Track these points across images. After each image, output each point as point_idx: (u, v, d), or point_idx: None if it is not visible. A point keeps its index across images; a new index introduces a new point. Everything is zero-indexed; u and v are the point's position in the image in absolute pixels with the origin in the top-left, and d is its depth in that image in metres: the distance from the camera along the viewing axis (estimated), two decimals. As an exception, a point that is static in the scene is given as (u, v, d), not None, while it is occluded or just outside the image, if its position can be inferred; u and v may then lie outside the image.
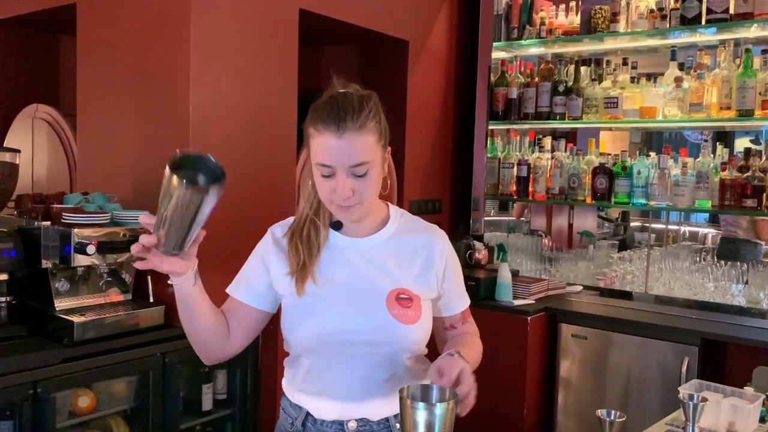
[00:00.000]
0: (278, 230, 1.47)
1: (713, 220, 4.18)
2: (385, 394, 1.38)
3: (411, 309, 1.37)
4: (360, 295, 1.38)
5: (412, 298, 1.39)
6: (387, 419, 1.40)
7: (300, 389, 1.44)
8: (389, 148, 1.41)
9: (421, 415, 1.07)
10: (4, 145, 3.27)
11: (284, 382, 1.49)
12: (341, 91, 1.36)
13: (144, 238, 1.18)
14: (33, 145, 3.31)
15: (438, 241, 1.48)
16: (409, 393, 1.12)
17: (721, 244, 3.67)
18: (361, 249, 1.43)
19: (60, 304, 2.27)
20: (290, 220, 1.48)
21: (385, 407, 1.39)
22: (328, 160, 1.29)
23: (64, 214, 2.26)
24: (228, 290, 1.47)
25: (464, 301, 1.54)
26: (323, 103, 1.33)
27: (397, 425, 1.37)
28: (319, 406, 1.41)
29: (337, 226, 1.43)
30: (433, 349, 1.45)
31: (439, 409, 1.08)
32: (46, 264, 2.22)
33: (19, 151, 2.36)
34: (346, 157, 1.29)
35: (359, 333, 1.35)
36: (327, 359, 1.38)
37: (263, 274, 1.44)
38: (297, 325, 1.39)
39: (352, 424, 1.38)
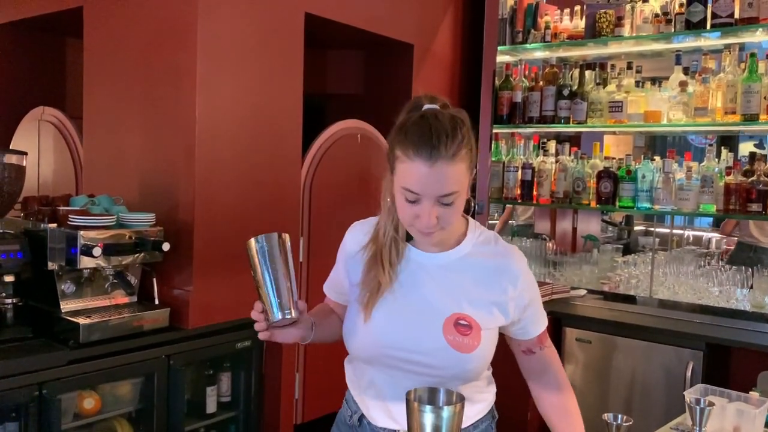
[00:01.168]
0: (361, 236, 1.44)
1: (718, 225, 4.18)
2: None
3: (469, 337, 1.32)
4: (419, 314, 1.34)
5: (472, 325, 1.33)
6: None
7: (356, 388, 1.46)
8: (476, 170, 1.35)
9: (428, 418, 1.07)
10: (11, 148, 3.29)
11: (347, 376, 1.51)
12: (430, 107, 1.31)
13: (253, 313, 1.26)
14: (39, 147, 3.32)
15: (514, 267, 1.39)
16: (416, 396, 1.13)
17: (739, 251, 3.64)
18: (430, 265, 1.38)
19: (66, 305, 2.28)
20: (373, 222, 1.44)
21: None
22: (416, 187, 1.24)
23: (70, 216, 2.27)
24: (324, 288, 1.55)
25: (540, 325, 1.45)
26: (413, 124, 1.26)
27: None
28: (372, 409, 1.42)
29: (410, 236, 1.39)
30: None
31: (447, 412, 1.08)
32: (52, 266, 2.23)
33: (25, 153, 2.37)
34: (436, 187, 1.23)
35: (413, 352, 1.33)
36: (380, 369, 1.38)
37: (344, 277, 1.47)
38: (354, 333, 1.39)
39: None
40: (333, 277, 1.53)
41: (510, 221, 4.50)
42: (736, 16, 2.94)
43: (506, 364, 3.20)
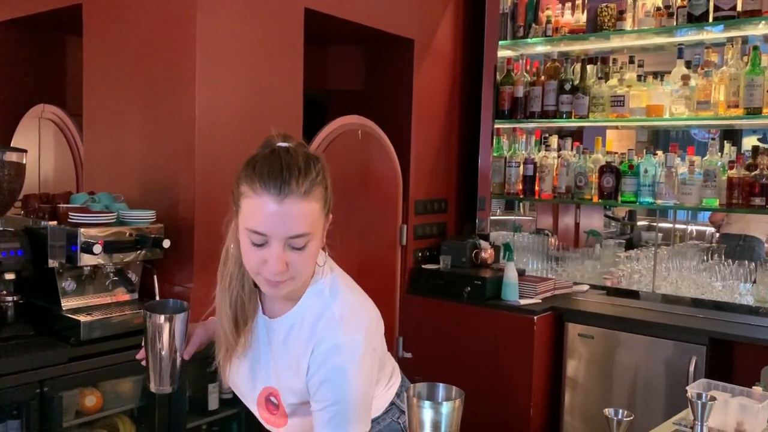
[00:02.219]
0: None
1: (720, 219, 4.17)
2: None
3: (277, 415, 1.29)
4: (248, 384, 1.33)
5: (279, 404, 1.27)
6: None
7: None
8: (330, 216, 1.21)
9: (427, 413, 1.07)
10: (11, 145, 3.29)
11: None
12: (282, 145, 1.17)
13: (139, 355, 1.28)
14: (40, 145, 3.32)
15: (323, 343, 1.18)
16: (415, 391, 1.12)
17: (727, 242, 3.65)
18: (268, 330, 1.28)
19: (67, 303, 2.28)
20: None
21: None
22: (263, 227, 1.10)
23: (70, 213, 2.26)
24: None
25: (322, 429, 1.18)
26: (263, 158, 1.15)
27: None
28: None
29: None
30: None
31: (446, 407, 1.08)
32: (52, 263, 2.23)
33: (25, 151, 2.37)
34: (286, 226, 1.10)
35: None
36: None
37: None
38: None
39: None
40: None
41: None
42: (739, 8, 2.92)
43: (511, 364, 3.20)
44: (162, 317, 1.29)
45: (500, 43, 3.62)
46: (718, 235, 3.88)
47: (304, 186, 1.11)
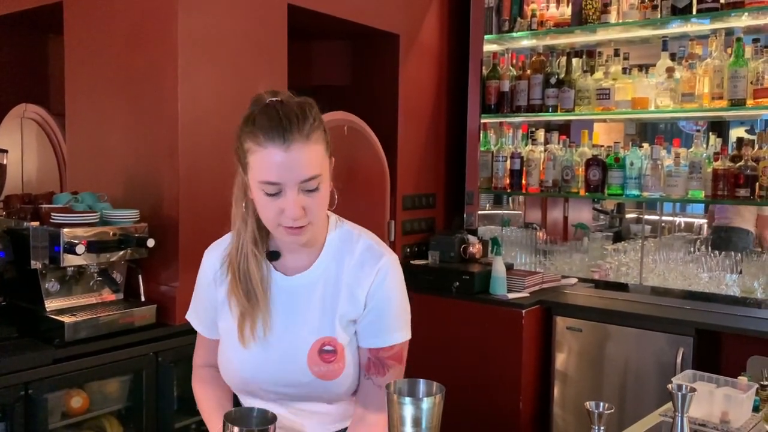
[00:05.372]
0: (215, 260, 1.35)
1: (708, 211, 4.19)
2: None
3: (334, 363, 1.27)
4: (283, 348, 1.29)
5: (336, 349, 1.27)
6: None
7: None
8: (333, 159, 1.29)
9: (408, 409, 1.06)
10: (-7, 146, 3.25)
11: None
12: (274, 99, 1.21)
13: None
14: (22, 145, 3.29)
15: (367, 275, 1.29)
16: (395, 388, 1.11)
17: (714, 234, 3.67)
18: (293, 289, 1.30)
19: (50, 304, 2.25)
20: (226, 242, 1.36)
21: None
22: (275, 177, 1.15)
23: (53, 214, 2.24)
24: (187, 317, 1.45)
25: (378, 339, 1.30)
26: (260, 113, 1.18)
27: None
28: None
29: (272, 256, 1.31)
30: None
31: (426, 403, 1.07)
32: (35, 264, 2.20)
33: (6, 151, 2.35)
34: (295, 172, 1.15)
35: (279, 386, 1.30)
36: (250, 398, 1.35)
37: (210, 308, 1.38)
38: (222, 364, 1.36)
39: None
40: (198, 309, 1.42)
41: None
42: (722, 0, 2.93)
43: (500, 358, 3.20)
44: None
45: (486, 37, 3.62)
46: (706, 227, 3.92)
47: (305, 130, 1.16)
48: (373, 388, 1.30)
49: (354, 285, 1.29)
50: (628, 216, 4.47)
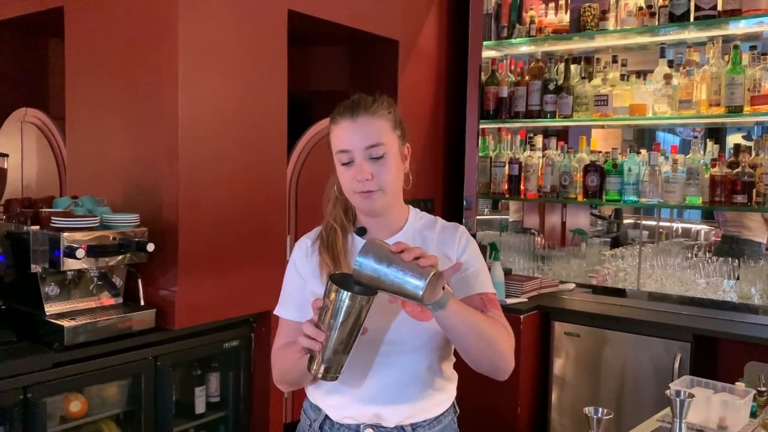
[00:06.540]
0: (307, 239, 1.49)
1: (706, 217, 4.20)
2: (401, 401, 1.38)
3: (422, 310, 1.30)
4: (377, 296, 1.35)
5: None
6: (402, 427, 1.39)
7: (317, 386, 1.45)
8: (408, 145, 1.44)
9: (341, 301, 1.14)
10: (-7, 150, 3.26)
11: (307, 387, 1.49)
12: (354, 96, 1.43)
13: (313, 332, 1.20)
14: (22, 149, 3.29)
15: (458, 237, 1.46)
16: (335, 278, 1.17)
17: (722, 243, 3.66)
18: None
19: (50, 308, 2.26)
20: (318, 229, 1.50)
21: (399, 413, 1.38)
22: (344, 144, 1.35)
23: (53, 218, 2.25)
24: (276, 312, 1.49)
25: (485, 286, 1.44)
26: (339, 105, 1.41)
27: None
28: (335, 405, 1.41)
29: (361, 232, 1.45)
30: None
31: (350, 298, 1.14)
32: (35, 268, 2.21)
33: (7, 155, 2.35)
34: (360, 138, 1.33)
35: (376, 332, 1.33)
36: (351, 363, 1.35)
37: (301, 286, 1.44)
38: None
39: (368, 431, 1.38)
40: (288, 294, 1.49)
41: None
42: (719, 8, 2.95)
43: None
44: (365, 298, 1.17)
45: (485, 43, 3.63)
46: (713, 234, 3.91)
47: (371, 108, 1.36)
48: (494, 318, 1.42)
49: (443, 247, 1.43)
50: (625, 222, 4.48)
